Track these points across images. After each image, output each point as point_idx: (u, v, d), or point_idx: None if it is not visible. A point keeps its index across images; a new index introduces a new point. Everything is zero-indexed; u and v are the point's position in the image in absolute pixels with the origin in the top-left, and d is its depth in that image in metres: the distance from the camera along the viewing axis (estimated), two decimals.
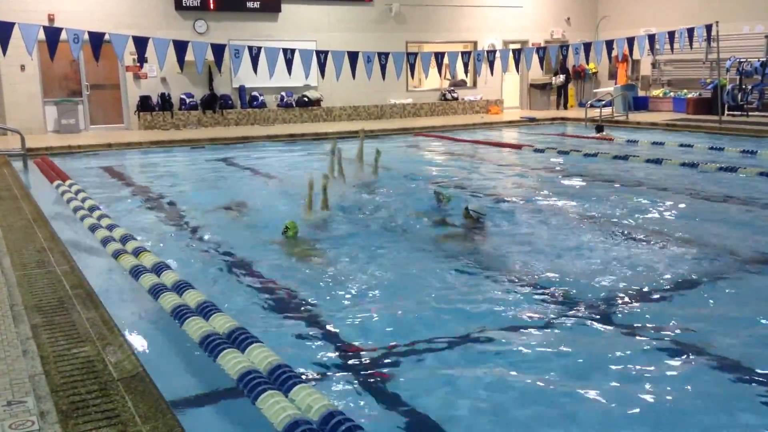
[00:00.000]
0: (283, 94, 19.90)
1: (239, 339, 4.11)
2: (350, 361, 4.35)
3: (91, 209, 8.25)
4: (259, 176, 12.01)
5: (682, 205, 8.92)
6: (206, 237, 7.57)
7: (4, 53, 11.95)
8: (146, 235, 7.42)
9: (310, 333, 4.83)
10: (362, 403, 3.81)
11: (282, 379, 3.58)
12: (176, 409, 3.36)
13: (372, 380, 4.09)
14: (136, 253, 6.18)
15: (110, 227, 7.24)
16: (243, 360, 3.79)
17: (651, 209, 8.62)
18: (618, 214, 8.33)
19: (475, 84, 23.37)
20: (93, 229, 7.27)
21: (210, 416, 3.72)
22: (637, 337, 4.66)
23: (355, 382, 4.06)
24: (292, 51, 13.60)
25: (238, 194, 10.08)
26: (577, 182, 10.87)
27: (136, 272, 5.61)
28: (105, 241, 6.69)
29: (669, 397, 3.83)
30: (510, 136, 18.31)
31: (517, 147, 15.32)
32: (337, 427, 3.07)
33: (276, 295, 5.66)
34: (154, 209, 9.28)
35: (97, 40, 12.13)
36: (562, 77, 23.68)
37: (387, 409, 3.75)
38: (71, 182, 10.36)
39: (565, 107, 23.83)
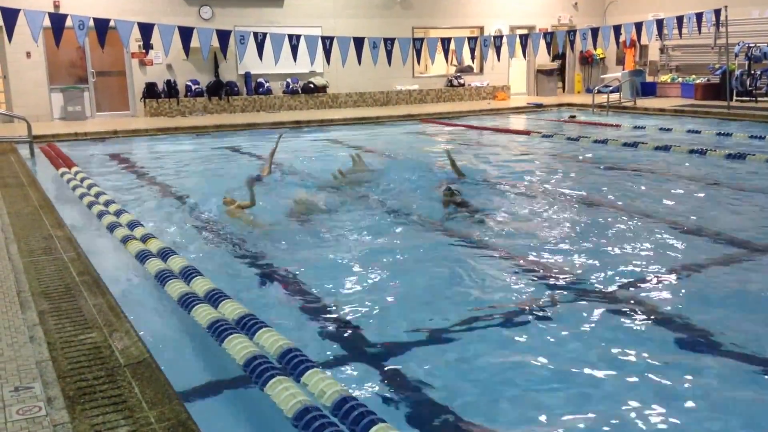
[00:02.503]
0: (289, 80, 19.83)
1: (248, 324, 4.09)
2: (358, 347, 4.33)
3: (97, 196, 8.25)
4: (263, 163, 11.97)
5: (690, 191, 8.86)
6: (212, 224, 7.54)
7: (10, 40, 11.94)
8: (152, 222, 7.41)
9: (317, 320, 4.81)
10: (371, 389, 3.79)
11: (294, 363, 3.56)
12: (183, 395, 3.35)
13: (380, 365, 4.07)
14: (143, 239, 6.18)
15: (117, 213, 7.24)
16: (250, 345, 3.78)
17: (658, 195, 8.56)
18: (626, 200, 8.29)
19: (481, 70, 23.21)
20: (100, 215, 7.27)
21: (218, 402, 3.70)
22: (645, 323, 4.62)
23: (363, 368, 4.04)
24: (298, 37, 13.50)
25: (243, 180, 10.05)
26: (584, 168, 10.81)
27: (143, 258, 5.61)
28: (111, 227, 6.70)
29: (670, 385, 3.80)
30: (517, 122, 18.23)
31: (525, 133, 15.27)
32: (350, 413, 3.05)
33: (282, 282, 5.65)
34: (160, 196, 9.27)
35: (102, 26, 12.09)
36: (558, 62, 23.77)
37: (396, 394, 3.73)
38: (77, 169, 10.36)
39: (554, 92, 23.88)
